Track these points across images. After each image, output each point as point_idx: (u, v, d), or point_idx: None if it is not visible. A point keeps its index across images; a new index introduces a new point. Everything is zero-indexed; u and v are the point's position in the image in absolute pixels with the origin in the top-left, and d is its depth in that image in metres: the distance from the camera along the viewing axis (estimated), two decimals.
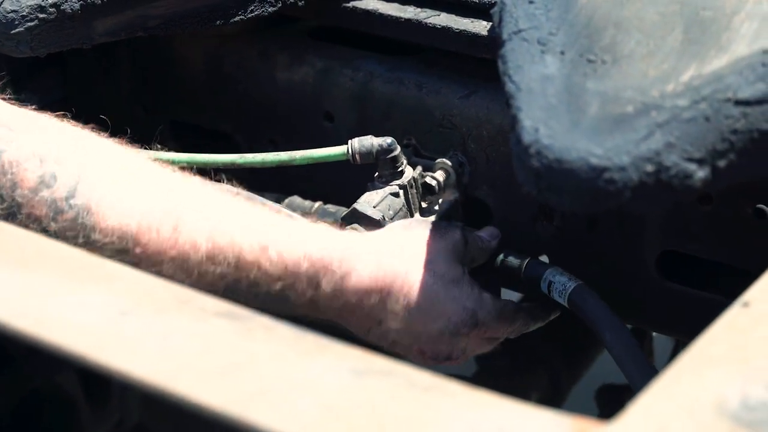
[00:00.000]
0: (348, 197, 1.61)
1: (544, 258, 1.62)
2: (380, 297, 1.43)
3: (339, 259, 1.41)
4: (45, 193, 1.31)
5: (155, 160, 1.52)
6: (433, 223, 1.52)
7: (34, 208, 1.32)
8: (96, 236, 1.32)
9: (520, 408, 0.94)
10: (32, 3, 1.50)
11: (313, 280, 1.40)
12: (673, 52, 1.26)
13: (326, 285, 1.41)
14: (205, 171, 1.57)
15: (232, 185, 1.48)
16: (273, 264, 1.38)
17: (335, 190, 1.70)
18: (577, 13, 1.32)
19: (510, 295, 1.67)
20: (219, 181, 1.48)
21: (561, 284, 1.51)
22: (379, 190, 1.57)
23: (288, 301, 1.41)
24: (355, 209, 1.55)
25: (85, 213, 1.32)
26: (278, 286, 1.39)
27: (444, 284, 1.46)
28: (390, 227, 1.51)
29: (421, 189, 1.59)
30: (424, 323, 1.46)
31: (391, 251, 1.45)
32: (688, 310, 1.55)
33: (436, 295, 1.45)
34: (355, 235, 1.48)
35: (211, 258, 1.36)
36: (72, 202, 1.32)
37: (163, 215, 1.35)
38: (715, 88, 1.21)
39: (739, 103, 1.19)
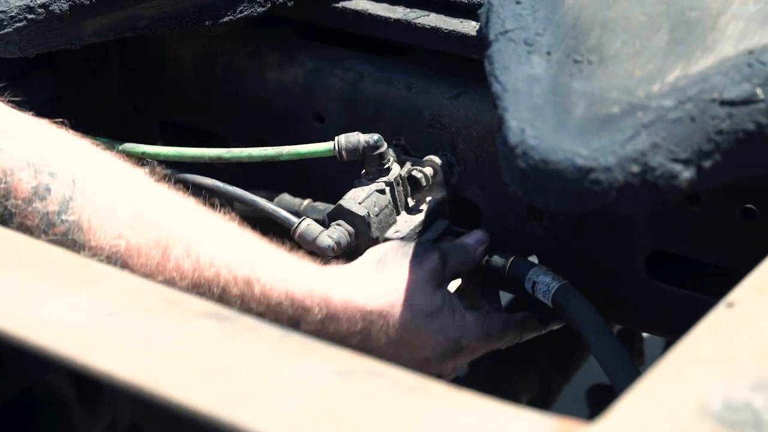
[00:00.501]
0: (338, 194, 1.61)
1: (534, 258, 1.62)
2: (360, 338, 1.45)
3: (319, 304, 1.43)
4: (38, 205, 1.32)
5: (143, 154, 1.52)
6: (408, 251, 1.51)
7: (26, 218, 1.32)
8: (85, 254, 1.33)
9: (504, 408, 0.94)
10: (21, 3, 1.49)
11: (293, 320, 1.42)
12: (659, 53, 1.26)
13: (307, 326, 1.43)
14: (193, 167, 1.58)
15: (225, 213, 1.48)
16: (256, 300, 1.40)
17: (325, 187, 1.70)
18: (563, 14, 1.32)
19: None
20: (213, 205, 1.48)
21: (545, 284, 1.51)
22: (365, 187, 1.57)
23: (282, 322, 1.42)
24: (340, 206, 1.55)
25: (77, 229, 1.33)
26: (268, 310, 1.41)
27: (423, 318, 1.47)
28: (364, 264, 1.51)
29: (408, 184, 1.59)
30: (409, 352, 1.48)
31: (369, 292, 1.46)
32: (677, 310, 1.55)
33: (416, 331, 1.47)
34: (335, 274, 1.48)
35: (197, 287, 1.37)
36: (64, 217, 1.32)
37: (153, 240, 1.36)
38: (701, 88, 1.21)
39: (724, 103, 1.20)
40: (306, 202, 1.70)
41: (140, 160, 1.54)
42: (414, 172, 1.59)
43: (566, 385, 2.06)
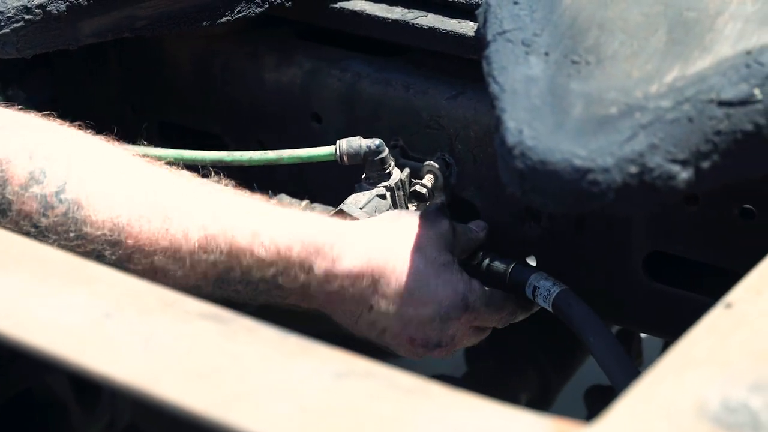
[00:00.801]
0: (336, 197, 1.61)
1: (532, 260, 1.62)
2: (371, 280, 1.44)
3: (331, 244, 1.42)
4: (35, 189, 1.32)
5: (143, 156, 1.52)
6: (422, 214, 1.52)
7: (24, 204, 1.32)
8: (87, 229, 1.33)
9: (501, 410, 0.94)
10: (18, 4, 1.49)
11: (305, 263, 1.41)
12: (656, 53, 1.26)
13: (318, 268, 1.41)
14: (193, 168, 1.57)
15: (221, 180, 1.48)
16: (265, 249, 1.39)
17: (323, 189, 1.70)
18: (561, 14, 1.31)
19: None
20: (207, 176, 1.48)
21: (545, 289, 1.51)
22: (366, 192, 1.57)
23: (280, 288, 1.42)
24: (341, 210, 1.55)
25: (76, 207, 1.33)
26: (271, 271, 1.40)
27: (434, 268, 1.46)
28: (379, 217, 1.52)
29: (408, 192, 1.59)
30: (415, 307, 1.46)
31: (382, 237, 1.46)
32: (675, 311, 1.55)
33: (427, 279, 1.46)
34: (346, 222, 1.49)
35: (203, 246, 1.37)
36: (62, 197, 1.33)
37: (153, 207, 1.36)
38: (699, 89, 1.20)
39: (722, 104, 1.19)
40: (304, 203, 1.70)
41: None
42: (417, 188, 1.59)
43: (565, 385, 2.06)
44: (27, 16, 1.50)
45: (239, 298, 1.42)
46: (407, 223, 1.50)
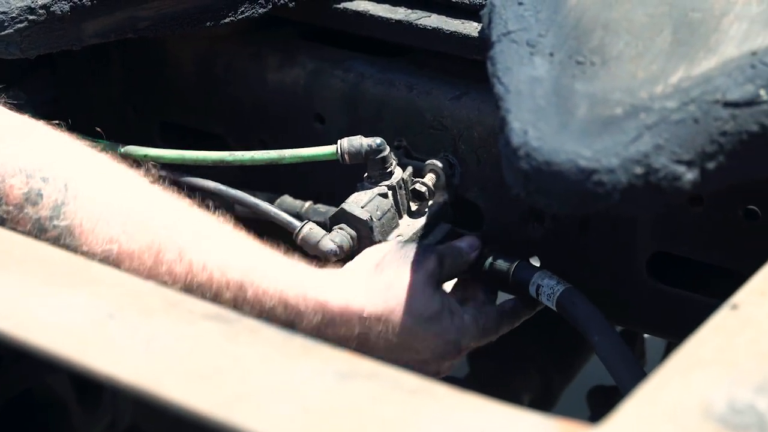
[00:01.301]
0: (338, 196, 1.61)
1: (535, 261, 1.61)
2: (359, 341, 1.45)
3: (314, 309, 1.43)
4: (30, 211, 1.32)
5: (145, 157, 1.52)
6: (406, 253, 1.51)
7: (18, 224, 1.32)
8: None
9: (506, 411, 0.94)
10: (21, 4, 1.49)
11: (289, 324, 1.42)
12: (661, 54, 1.26)
13: (303, 330, 1.42)
14: (194, 169, 1.57)
15: (221, 214, 1.48)
16: (249, 304, 1.40)
17: (327, 189, 1.70)
18: (566, 15, 1.31)
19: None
20: (209, 207, 1.47)
21: (549, 287, 1.51)
22: (367, 191, 1.57)
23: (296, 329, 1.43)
24: (343, 209, 1.55)
25: (68, 234, 1.33)
26: (262, 311, 1.41)
27: (423, 323, 1.47)
28: (362, 263, 1.51)
29: (410, 191, 1.59)
30: (408, 356, 1.48)
31: (367, 297, 1.46)
32: (679, 311, 1.54)
33: (416, 336, 1.47)
34: (332, 278, 1.48)
35: (189, 291, 1.37)
36: (56, 222, 1.32)
37: (146, 243, 1.36)
38: (704, 89, 1.20)
39: (728, 104, 1.19)
40: (307, 204, 1.69)
41: (136, 161, 1.54)
42: (417, 186, 1.58)
43: (567, 386, 2.06)
44: (31, 17, 1.49)
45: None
46: (390, 275, 1.49)
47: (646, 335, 2.07)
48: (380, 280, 1.47)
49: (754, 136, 1.20)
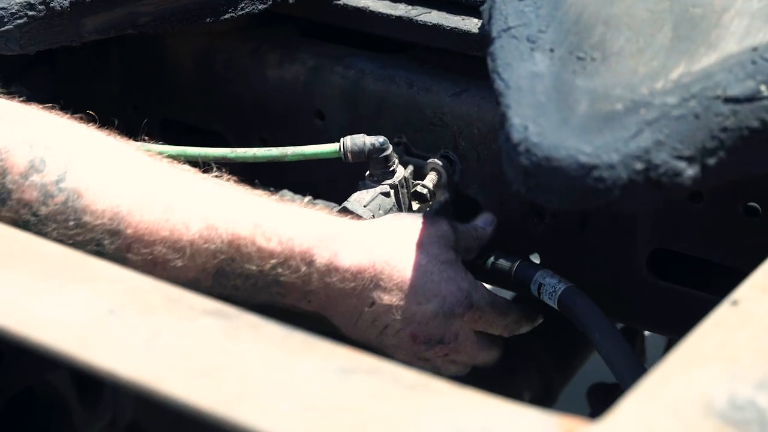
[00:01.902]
0: (339, 193, 1.61)
1: (535, 257, 1.61)
2: (373, 275, 1.43)
3: (332, 236, 1.42)
4: (35, 178, 1.32)
5: (146, 152, 1.51)
6: (423, 215, 1.52)
7: (24, 192, 1.32)
8: (87, 218, 1.33)
9: (506, 407, 0.93)
10: (21, 0, 1.49)
11: (307, 255, 1.40)
12: (662, 50, 1.26)
13: (320, 259, 1.41)
14: (196, 164, 1.57)
15: (222, 175, 1.48)
16: (267, 239, 1.39)
17: (327, 185, 1.70)
18: (566, 11, 1.31)
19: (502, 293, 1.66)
20: (208, 172, 1.48)
21: (551, 286, 1.51)
22: (369, 189, 1.57)
23: (279, 285, 1.41)
24: (345, 208, 1.55)
25: (75, 196, 1.33)
26: (271, 263, 1.39)
27: (438, 265, 1.46)
28: (381, 218, 1.52)
29: (411, 190, 1.59)
30: (417, 302, 1.46)
31: (385, 234, 1.46)
32: (679, 308, 1.54)
33: (430, 275, 1.45)
34: (348, 219, 1.49)
35: (204, 236, 1.36)
36: (62, 185, 1.33)
37: (154, 197, 1.36)
38: (705, 85, 1.20)
39: (728, 100, 1.19)
40: (306, 200, 1.69)
41: None
42: (418, 188, 1.58)
43: (567, 383, 2.06)
44: (30, 13, 1.49)
45: (238, 295, 1.41)
46: (409, 222, 1.49)
47: (646, 332, 2.07)
48: (398, 226, 1.48)
49: (754, 132, 1.20)
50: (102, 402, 1.84)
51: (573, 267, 1.57)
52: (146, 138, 1.56)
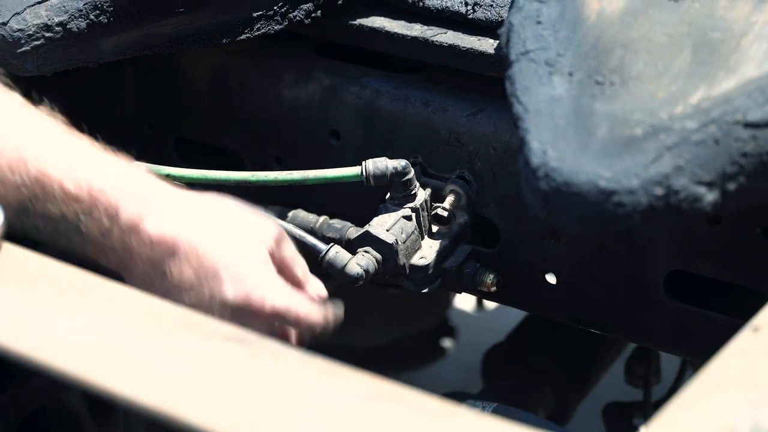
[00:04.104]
0: (353, 211, 1.61)
1: (552, 277, 1.61)
2: (172, 248, 1.37)
3: (141, 199, 1.36)
4: None
5: (167, 176, 1.50)
6: (254, 209, 1.45)
7: None
8: None
9: None
10: (38, 22, 1.49)
11: (111, 211, 1.35)
12: (681, 74, 1.25)
13: (124, 215, 1.36)
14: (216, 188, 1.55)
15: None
16: (76, 185, 1.35)
17: (344, 205, 1.70)
18: (585, 34, 1.31)
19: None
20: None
21: None
22: (391, 213, 1.56)
23: (80, 234, 1.37)
24: (368, 232, 1.54)
25: None
26: (74, 209, 1.35)
27: (243, 257, 1.39)
28: (202, 195, 1.44)
29: (431, 213, 1.59)
30: (210, 288, 1.38)
31: (196, 211, 1.40)
32: (696, 329, 1.54)
33: (231, 265, 1.37)
34: (165, 184, 1.41)
35: (13, 167, 1.33)
36: None
37: None
38: (725, 110, 1.20)
39: (748, 125, 1.19)
40: (322, 219, 1.69)
41: None
42: (439, 211, 1.58)
43: (582, 401, 2.06)
44: (47, 34, 1.49)
45: (38, 236, 1.37)
46: (230, 208, 1.42)
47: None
48: (219, 211, 1.41)
49: None
50: (114, 419, 1.84)
51: (589, 287, 1.57)
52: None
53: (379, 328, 2.54)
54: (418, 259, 1.56)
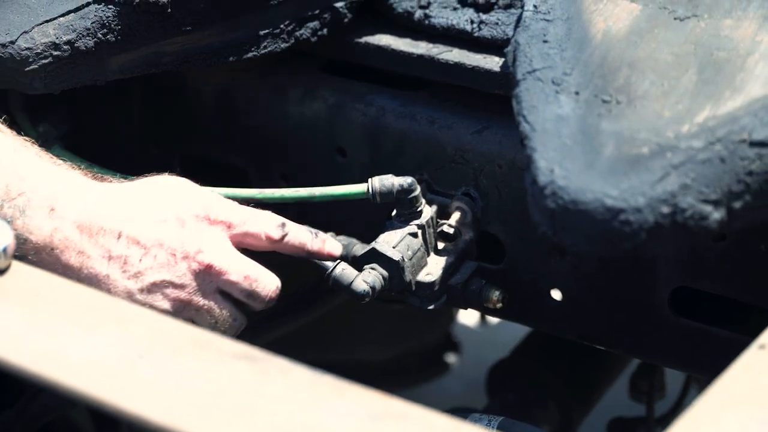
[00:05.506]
0: (359, 228, 1.61)
1: (557, 293, 1.62)
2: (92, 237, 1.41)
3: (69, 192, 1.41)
4: None
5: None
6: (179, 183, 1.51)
7: None
8: None
9: None
10: (46, 40, 1.50)
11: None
12: (687, 93, 1.26)
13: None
14: None
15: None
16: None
17: (350, 222, 1.70)
18: (591, 53, 1.32)
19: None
20: None
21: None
22: (398, 230, 1.56)
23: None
24: (374, 249, 1.55)
25: None
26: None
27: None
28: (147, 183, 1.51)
29: (438, 233, 1.59)
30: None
31: (134, 206, 1.45)
32: (700, 346, 1.54)
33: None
34: (114, 188, 1.47)
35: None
36: None
37: None
38: (730, 129, 1.21)
39: (754, 144, 1.20)
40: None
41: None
42: (444, 228, 1.58)
43: (586, 417, 2.06)
44: (55, 53, 1.50)
45: None
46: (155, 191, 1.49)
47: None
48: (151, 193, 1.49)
49: None
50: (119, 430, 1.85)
51: (594, 304, 1.57)
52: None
53: (382, 343, 2.54)
54: (424, 276, 1.57)
